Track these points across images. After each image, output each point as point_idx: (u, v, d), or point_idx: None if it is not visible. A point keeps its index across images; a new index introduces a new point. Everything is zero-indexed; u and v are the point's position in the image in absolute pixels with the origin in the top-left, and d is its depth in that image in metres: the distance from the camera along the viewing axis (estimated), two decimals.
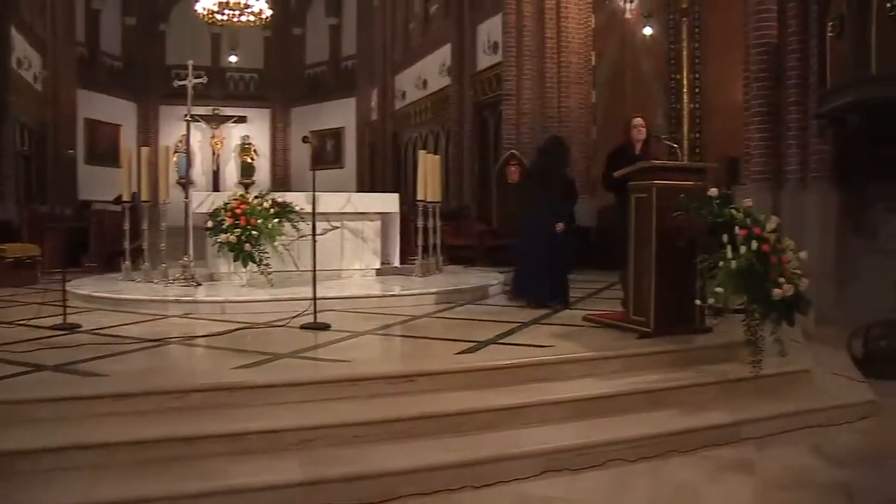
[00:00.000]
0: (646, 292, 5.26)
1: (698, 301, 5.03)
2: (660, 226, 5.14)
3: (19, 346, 5.01)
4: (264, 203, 7.49)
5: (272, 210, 7.46)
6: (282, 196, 7.79)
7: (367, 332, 5.69)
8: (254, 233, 7.21)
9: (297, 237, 7.52)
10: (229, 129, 25.41)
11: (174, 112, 22.15)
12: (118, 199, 9.23)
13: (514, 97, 13.05)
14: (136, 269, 8.00)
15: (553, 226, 6.67)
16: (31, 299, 7.59)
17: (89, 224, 11.22)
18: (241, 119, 25.41)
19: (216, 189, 23.29)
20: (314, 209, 6.19)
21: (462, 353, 4.85)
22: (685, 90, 12.51)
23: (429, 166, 8.81)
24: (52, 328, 5.70)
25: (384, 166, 20.98)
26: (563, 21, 12.44)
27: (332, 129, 24.51)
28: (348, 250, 8.53)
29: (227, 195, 7.81)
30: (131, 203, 8.25)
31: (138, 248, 8.22)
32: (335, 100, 24.57)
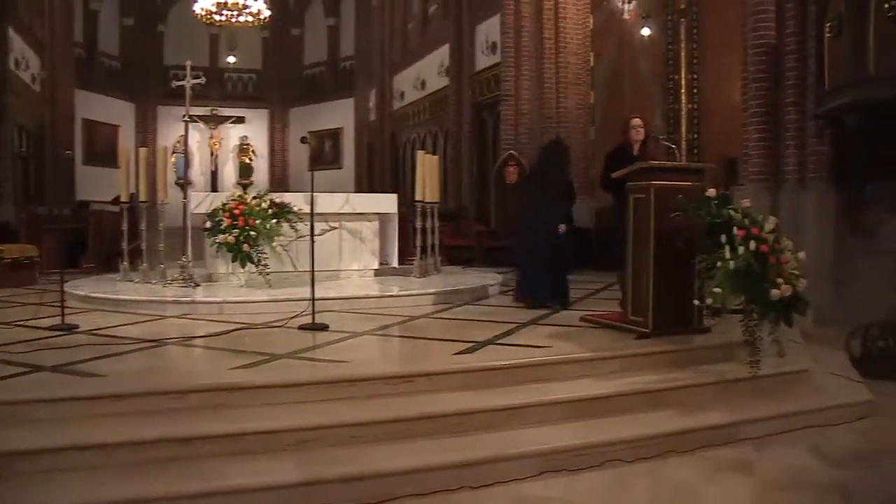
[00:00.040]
0: (644, 293, 5.26)
1: (696, 301, 5.03)
2: (658, 226, 5.14)
3: (17, 347, 5.01)
4: (262, 203, 7.49)
5: (270, 210, 7.46)
6: (280, 196, 7.80)
7: (365, 333, 5.69)
8: (252, 233, 7.21)
9: (296, 238, 7.52)
10: (227, 129, 25.40)
11: (172, 112, 22.13)
12: (116, 200, 9.20)
13: (513, 98, 13.06)
14: (135, 270, 7.99)
15: (554, 226, 6.67)
16: (30, 300, 7.59)
17: (87, 225, 11.21)
18: (240, 119, 25.41)
19: (214, 189, 23.25)
20: (312, 210, 6.19)
21: (460, 354, 4.85)
22: (683, 91, 12.52)
23: (427, 167, 8.82)
24: (50, 329, 5.70)
25: (382, 167, 20.99)
26: (562, 21, 12.45)
27: (331, 129, 24.51)
28: (346, 251, 8.53)
29: (226, 196, 7.81)
30: (129, 204, 8.25)
31: (136, 249, 8.21)
32: (333, 100, 24.57)
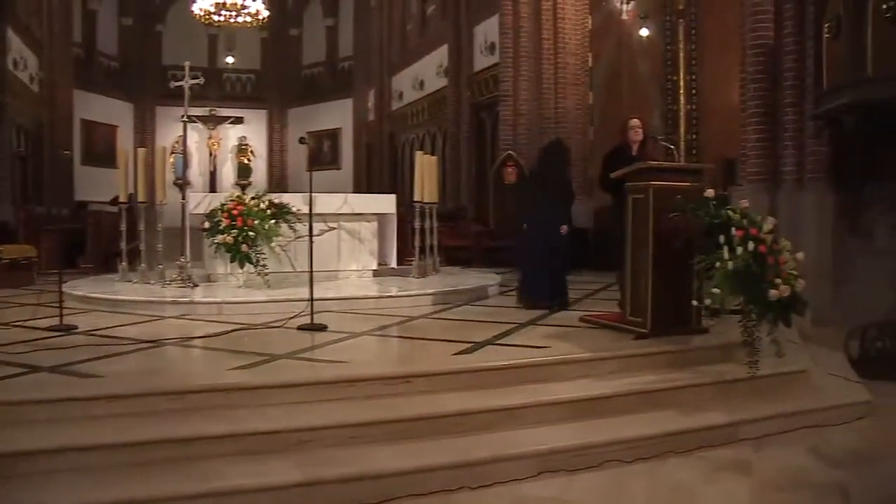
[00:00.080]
0: (642, 293, 5.26)
1: (695, 302, 5.02)
2: (656, 227, 5.14)
3: (16, 348, 5.00)
4: (261, 204, 7.50)
5: (269, 211, 7.47)
6: (278, 197, 7.81)
7: (364, 333, 5.69)
8: (250, 234, 7.21)
9: (294, 238, 7.52)
10: (226, 129, 25.38)
11: (171, 113, 22.13)
12: (115, 200, 9.21)
13: (511, 98, 13.06)
14: (133, 271, 7.99)
15: (554, 227, 6.68)
16: (28, 300, 7.58)
17: (86, 225, 11.21)
18: (238, 120, 25.40)
19: (213, 190, 23.28)
20: (311, 210, 6.19)
21: (459, 354, 4.85)
22: (682, 91, 12.50)
23: (426, 167, 8.82)
24: (48, 329, 5.69)
25: (381, 167, 20.98)
26: (560, 22, 12.46)
27: (329, 129, 24.50)
28: (345, 251, 8.53)
29: (224, 196, 7.81)
30: (128, 204, 8.25)
31: (135, 249, 8.21)
32: (332, 101, 24.55)
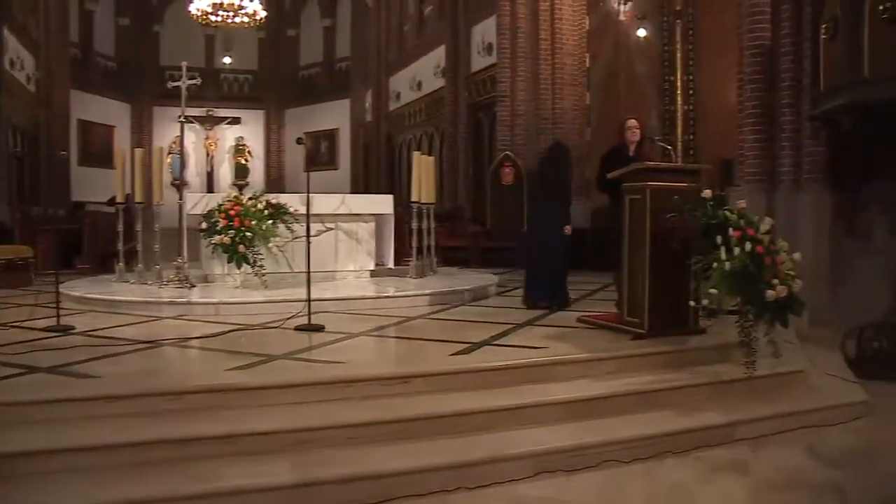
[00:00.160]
0: (640, 294, 5.27)
1: (692, 302, 5.03)
2: (654, 227, 5.15)
3: (13, 348, 4.99)
4: (258, 204, 7.49)
5: (266, 211, 7.46)
6: (276, 197, 7.80)
7: (361, 334, 5.68)
8: (248, 234, 7.21)
9: (292, 238, 7.51)
10: (223, 130, 25.34)
11: (168, 113, 22.08)
12: (112, 201, 9.19)
13: (509, 98, 13.07)
14: (130, 271, 7.98)
15: (555, 227, 6.69)
16: (25, 301, 7.57)
17: (83, 225, 11.20)
18: (236, 120, 25.36)
19: (210, 190, 23.24)
20: (308, 210, 6.18)
21: (457, 355, 4.85)
22: (679, 92, 12.53)
23: (423, 168, 8.82)
24: (45, 330, 5.68)
25: (378, 168, 20.98)
26: (558, 23, 12.47)
27: (327, 130, 24.48)
28: (342, 252, 8.52)
29: (221, 196, 7.80)
30: (125, 204, 8.24)
31: (132, 250, 8.20)
32: (329, 101, 24.53)
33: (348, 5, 23.94)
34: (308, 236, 6.08)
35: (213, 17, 17.50)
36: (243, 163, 25.57)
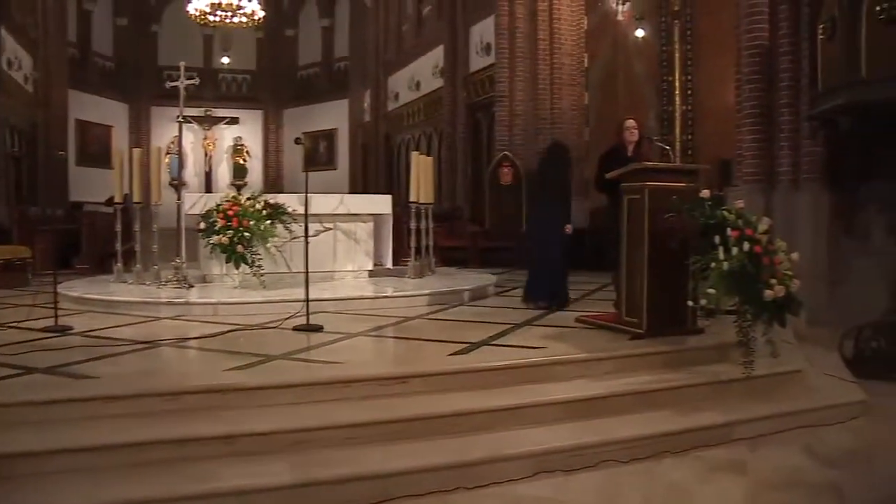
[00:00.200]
0: (638, 294, 5.27)
1: (690, 302, 5.03)
2: (652, 227, 5.16)
3: (10, 349, 4.98)
4: (257, 204, 7.48)
5: (264, 211, 7.46)
6: (274, 197, 7.79)
7: (359, 334, 5.68)
8: (246, 234, 7.20)
9: (290, 239, 7.51)
10: (221, 130, 25.31)
11: (166, 113, 22.08)
12: (110, 201, 9.18)
13: (507, 99, 13.07)
14: (128, 271, 7.97)
15: (555, 227, 6.70)
16: (23, 301, 7.55)
17: (81, 226, 11.19)
18: (234, 120, 25.33)
19: (208, 190, 23.21)
20: (306, 211, 6.18)
21: (455, 355, 4.86)
22: (677, 92, 12.55)
23: (421, 168, 8.82)
24: (43, 330, 5.68)
25: (377, 168, 20.97)
26: (556, 23, 12.48)
27: (325, 130, 24.46)
28: (341, 252, 8.52)
29: (220, 196, 7.80)
30: (123, 204, 8.23)
31: (130, 250, 8.19)
32: (328, 101, 24.51)
33: (347, 5, 23.93)
34: (306, 236, 6.08)
35: (211, 17, 17.47)
36: (241, 163, 25.55)
